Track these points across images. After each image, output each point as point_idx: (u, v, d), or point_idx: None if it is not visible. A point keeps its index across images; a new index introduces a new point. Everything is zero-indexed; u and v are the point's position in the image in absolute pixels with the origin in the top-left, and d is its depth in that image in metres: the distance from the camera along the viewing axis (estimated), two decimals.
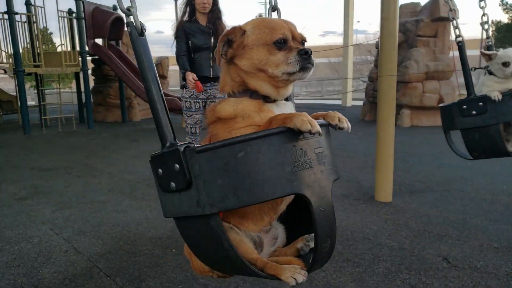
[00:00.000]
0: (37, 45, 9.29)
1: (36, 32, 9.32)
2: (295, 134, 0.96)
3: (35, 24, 9.33)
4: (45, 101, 10.40)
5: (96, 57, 9.93)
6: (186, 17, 3.45)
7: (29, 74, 9.50)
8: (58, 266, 2.35)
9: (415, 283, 2.04)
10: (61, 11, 9.50)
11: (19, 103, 9.17)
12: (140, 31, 1.02)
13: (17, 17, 8.67)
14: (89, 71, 10.20)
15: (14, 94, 11.46)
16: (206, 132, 1.23)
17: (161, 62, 12.64)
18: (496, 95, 2.09)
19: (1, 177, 4.60)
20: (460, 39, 2.41)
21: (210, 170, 0.94)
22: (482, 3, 2.36)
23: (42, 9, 9.62)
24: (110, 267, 2.30)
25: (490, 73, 2.25)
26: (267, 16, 1.31)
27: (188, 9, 3.44)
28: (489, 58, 2.27)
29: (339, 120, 1.07)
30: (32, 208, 3.44)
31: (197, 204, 0.95)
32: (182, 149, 0.96)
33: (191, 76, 3.24)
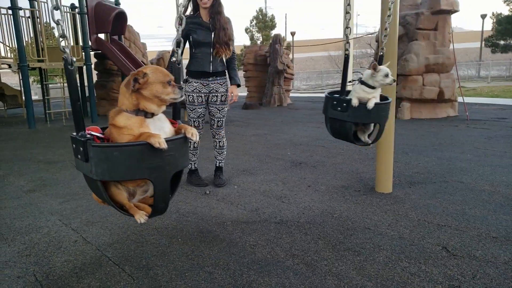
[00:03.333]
0: (41, 40, 9.34)
1: (39, 28, 9.35)
2: (151, 146, 1.51)
3: (38, 19, 9.37)
4: (49, 96, 10.44)
5: (99, 51, 9.96)
6: (189, 13, 3.48)
7: (33, 68, 9.53)
8: (68, 255, 2.42)
9: (415, 271, 2.10)
10: (63, 6, 9.53)
11: (23, 98, 9.24)
12: (70, 64, 1.55)
13: (21, 12, 8.70)
14: (92, 66, 10.24)
15: (18, 88, 11.54)
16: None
17: (163, 56, 12.65)
18: (355, 103, 2.63)
19: (8, 170, 4.68)
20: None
21: (98, 157, 1.51)
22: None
23: (45, 4, 9.65)
24: (119, 256, 2.38)
25: (362, 83, 2.73)
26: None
27: (191, 5, 3.45)
28: (374, 70, 2.73)
29: (192, 135, 1.67)
30: (40, 200, 3.52)
31: (90, 171, 1.55)
32: (84, 140, 1.53)
33: None
